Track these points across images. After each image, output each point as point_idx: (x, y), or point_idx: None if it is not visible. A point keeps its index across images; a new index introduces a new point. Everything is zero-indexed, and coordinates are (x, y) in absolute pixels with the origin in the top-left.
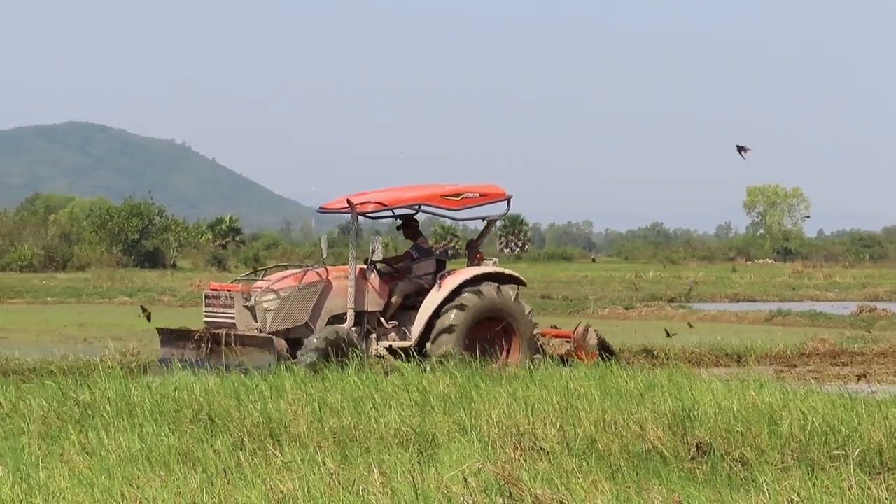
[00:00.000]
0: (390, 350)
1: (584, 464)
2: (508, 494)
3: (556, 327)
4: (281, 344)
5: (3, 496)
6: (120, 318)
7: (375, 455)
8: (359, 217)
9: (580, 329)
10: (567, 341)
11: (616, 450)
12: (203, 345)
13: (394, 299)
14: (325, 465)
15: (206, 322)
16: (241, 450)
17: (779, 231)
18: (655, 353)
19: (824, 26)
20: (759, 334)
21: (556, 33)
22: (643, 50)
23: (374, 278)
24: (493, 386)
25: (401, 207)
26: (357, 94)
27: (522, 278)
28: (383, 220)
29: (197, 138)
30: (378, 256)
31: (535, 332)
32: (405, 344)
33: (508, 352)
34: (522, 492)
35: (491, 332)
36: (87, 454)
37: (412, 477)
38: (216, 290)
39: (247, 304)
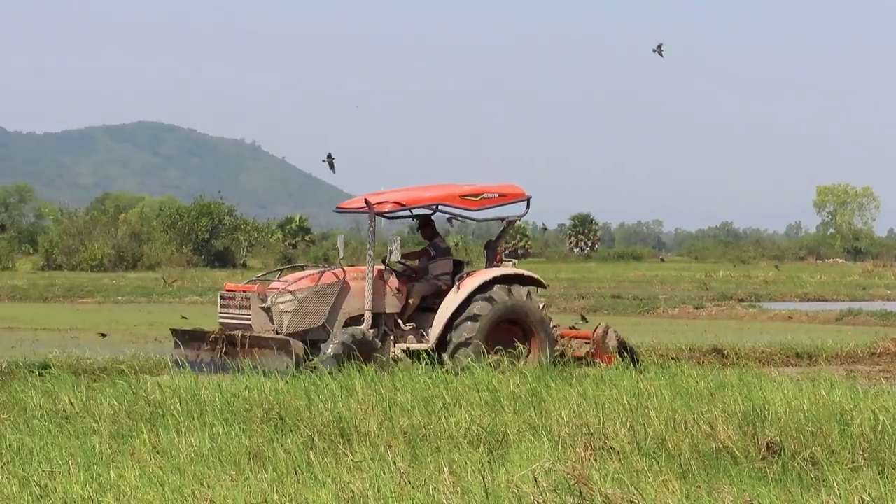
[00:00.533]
0: (408, 352)
1: (655, 463)
2: (579, 494)
3: (575, 328)
4: (298, 346)
5: (74, 495)
6: (190, 317)
7: (446, 454)
8: (377, 217)
9: (600, 330)
10: (586, 343)
11: (686, 449)
12: (218, 346)
13: (411, 301)
14: (395, 464)
15: (221, 323)
16: (312, 449)
17: (849, 230)
18: (726, 352)
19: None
20: (830, 334)
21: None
22: (716, 52)
23: (391, 279)
24: (564, 385)
25: (419, 207)
26: (427, 94)
27: (542, 280)
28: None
29: (267, 138)
30: (396, 257)
31: (554, 334)
32: (423, 346)
33: (528, 353)
34: (593, 491)
35: (510, 334)
36: (158, 453)
37: (482, 476)
38: (232, 290)
39: (263, 305)
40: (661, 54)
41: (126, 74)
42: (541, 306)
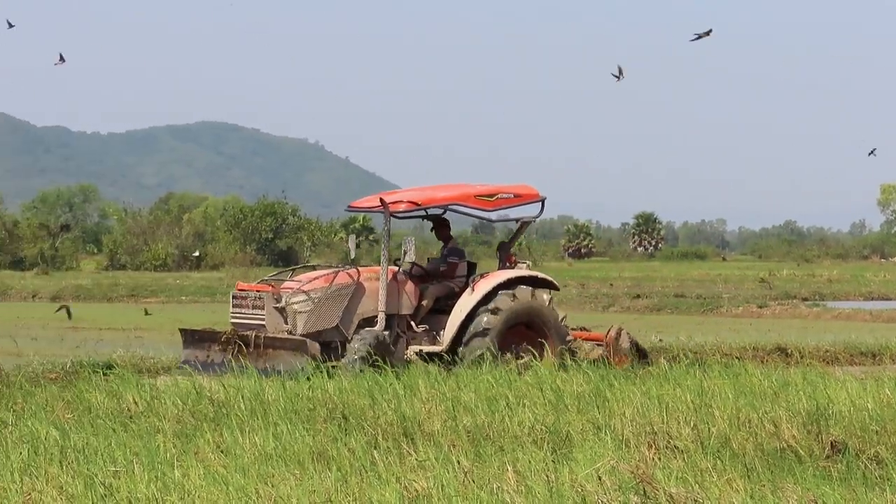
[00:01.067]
0: (421, 355)
1: (719, 462)
2: (643, 493)
3: (585, 329)
4: (314, 347)
5: (139, 494)
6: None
7: (509, 453)
8: (391, 217)
9: (612, 332)
10: (599, 345)
11: (750, 448)
12: (230, 347)
13: (424, 302)
14: (459, 463)
15: (233, 323)
16: (376, 448)
17: None
18: (789, 351)
19: None
20: (894, 332)
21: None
22: (777, 55)
23: (405, 280)
24: (627, 385)
25: (434, 207)
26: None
27: (555, 282)
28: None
29: (330, 137)
30: (410, 258)
31: (567, 337)
32: (436, 349)
33: (541, 356)
34: (657, 490)
35: (523, 337)
36: (222, 453)
37: (546, 475)
38: (244, 290)
39: (277, 305)
40: (619, 76)
41: (190, 75)
42: (560, 317)
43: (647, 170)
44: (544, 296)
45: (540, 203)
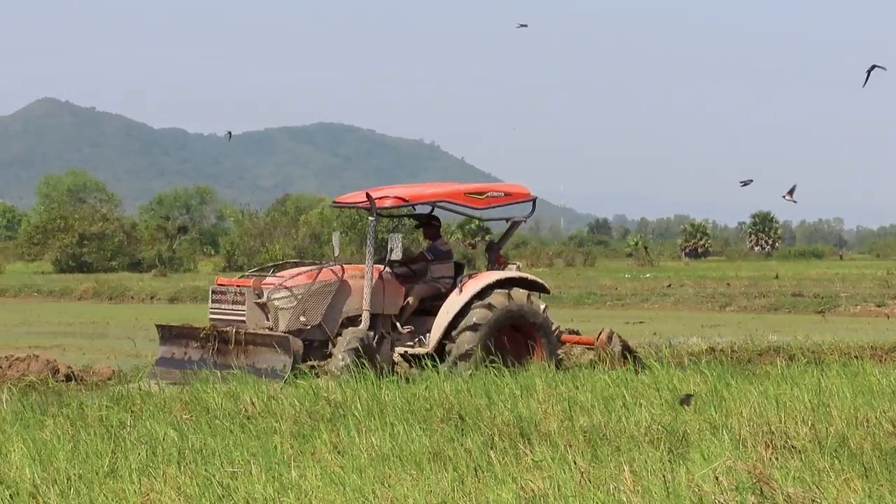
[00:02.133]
0: (405, 356)
1: (836, 462)
2: (760, 493)
3: (574, 332)
4: (297, 344)
5: (256, 494)
6: None
7: (626, 453)
8: (377, 214)
9: (603, 336)
10: (589, 348)
11: (868, 448)
12: (209, 344)
13: (410, 301)
14: (575, 463)
15: (212, 319)
16: (492, 448)
17: None
18: None
19: None
20: None
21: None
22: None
23: (390, 279)
24: (744, 384)
25: (421, 203)
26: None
27: (546, 285)
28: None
29: (445, 138)
30: (397, 256)
31: (557, 344)
32: (421, 350)
33: (531, 359)
34: (774, 490)
35: (512, 339)
36: (339, 453)
37: (663, 475)
38: (224, 285)
39: (258, 300)
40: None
41: (307, 77)
42: (551, 322)
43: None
44: (537, 299)
45: (531, 203)
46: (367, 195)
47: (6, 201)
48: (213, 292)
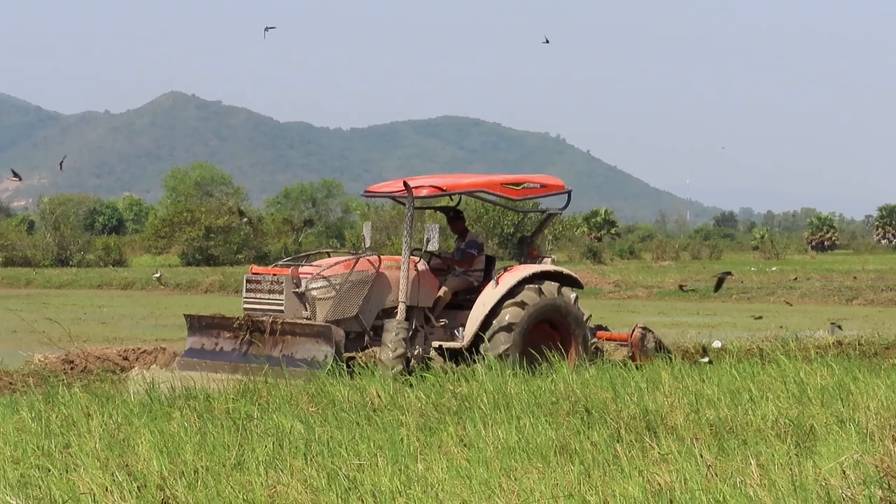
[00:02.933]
0: (440, 350)
1: None
2: (887, 487)
3: (604, 328)
4: (339, 334)
5: (382, 487)
6: None
7: (752, 447)
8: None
9: (637, 333)
10: (622, 345)
11: None
12: (243, 334)
13: (442, 294)
14: (702, 456)
15: (246, 309)
16: (618, 441)
17: None
18: None
19: None
20: None
21: None
22: None
23: (425, 271)
24: (871, 377)
25: (458, 193)
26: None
27: (580, 279)
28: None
29: (571, 131)
30: (434, 246)
31: (592, 339)
32: (456, 344)
33: (565, 356)
34: None
35: (546, 335)
36: (465, 446)
37: (790, 469)
38: (259, 274)
39: (297, 290)
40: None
41: (432, 70)
42: (585, 315)
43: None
44: (570, 293)
45: (567, 195)
46: (405, 183)
47: (133, 194)
48: (248, 281)
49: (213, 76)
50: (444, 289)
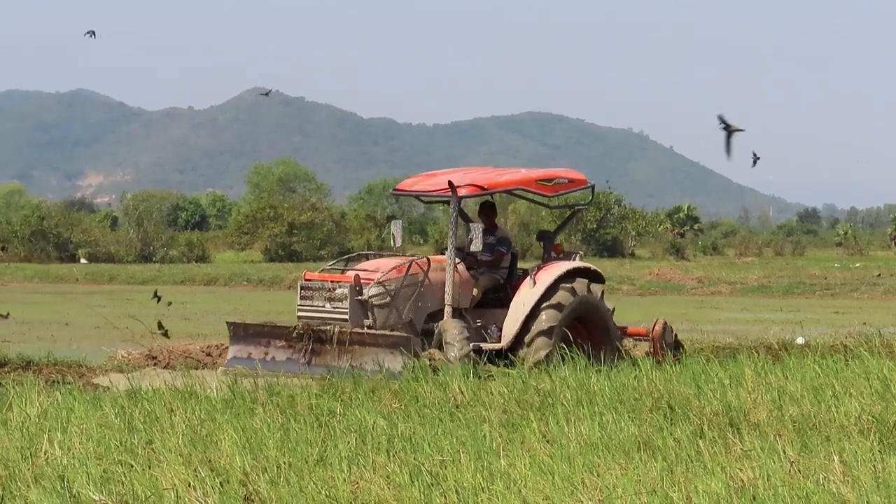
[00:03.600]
0: (479, 351)
1: None
2: None
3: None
4: (418, 344)
5: (465, 483)
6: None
7: (836, 443)
8: (459, 202)
9: (658, 327)
10: (643, 339)
11: None
12: (304, 343)
13: (475, 293)
14: (784, 453)
15: (302, 317)
16: (701, 438)
17: None
18: None
19: None
20: None
21: None
22: None
23: (463, 271)
24: None
25: (498, 192)
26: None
27: (602, 274)
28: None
29: (654, 127)
30: (477, 247)
31: (617, 332)
32: (497, 346)
33: (592, 353)
34: None
35: (575, 332)
36: (548, 442)
37: (873, 466)
38: (317, 280)
39: (360, 297)
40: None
41: (516, 66)
42: (611, 309)
43: None
44: (598, 289)
45: (590, 189)
46: (450, 183)
47: (216, 190)
48: (303, 288)
49: (297, 72)
50: (474, 289)
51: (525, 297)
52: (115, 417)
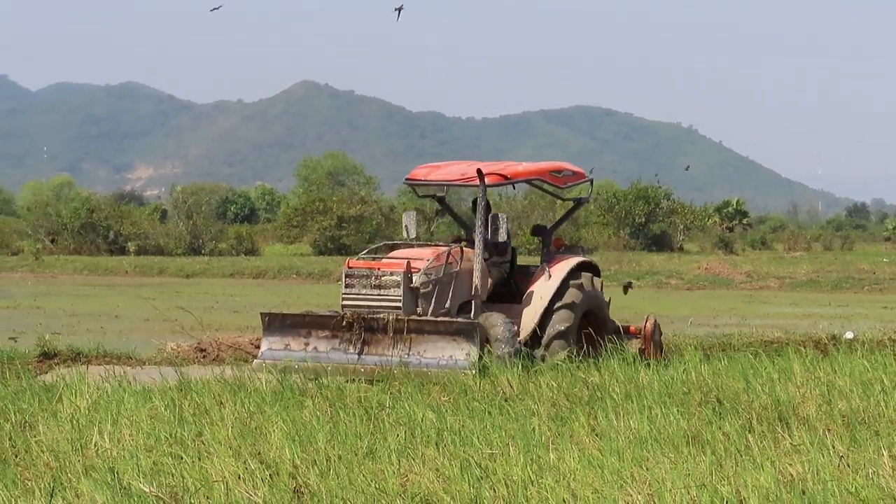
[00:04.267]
0: None
1: None
2: None
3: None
4: (484, 332)
5: (514, 476)
6: (628, 300)
7: (885, 438)
8: (486, 190)
9: (649, 325)
10: (636, 337)
11: None
12: (353, 333)
13: (490, 286)
14: (833, 448)
15: (347, 306)
16: (750, 432)
17: None
18: None
19: None
20: None
21: None
22: None
23: (485, 264)
24: None
25: (519, 181)
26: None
27: (599, 267)
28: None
29: (703, 121)
30: (503, 237)
31: (614, 324)
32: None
33: (593, 347)
34: None
35: (582, 327)
36: (596, 436)
37: None
38: (364, 267)
39: (413, 284)
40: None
41: (565, 60)
42: (603, 293)
43: None
44: (598, 282)
45: (590, 182)
46: (479, 171)
47: (265, 183)
48: (348, 276)
49: (346, 65)
50: (489, 281)
51: (542, 289)
52: (164, 409)
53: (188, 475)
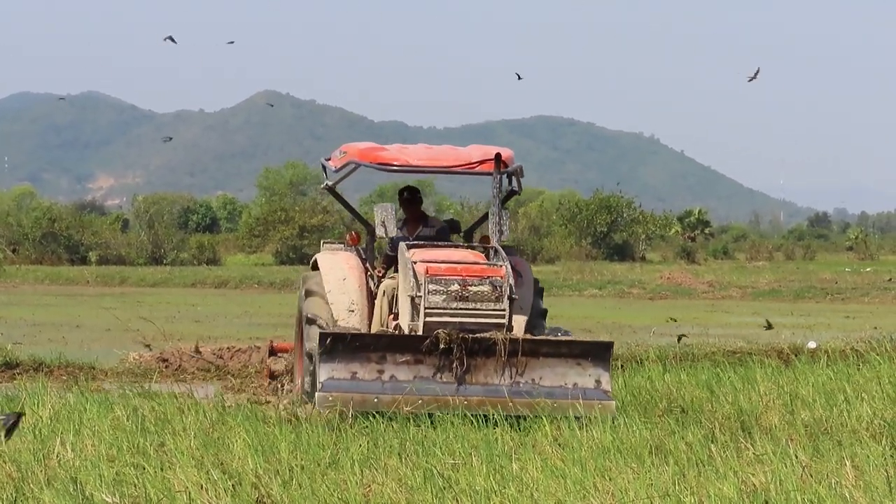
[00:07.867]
0: None
1: None
2: None
3: None
4: (610, 351)
5: (477, 486)
6: (591, 310)
7: (848, 448)
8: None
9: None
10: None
11: None
12: (438, 357)
13: None
14: (796, 457)
15: (433, 323)
16: (713, 442)
17: None
18: None
19: None
20: None
21: None
22: None
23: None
24: None
25: (514, 166)
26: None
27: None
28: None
29: (665, 131)
30: (506, 236)
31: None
32: None
33: None
34: None
35: None
36: (560, 446)
37: (885, 470)
38: (458, 275)
39: (513, 295)
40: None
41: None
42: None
43: None
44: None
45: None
46: (497, 155)
47: (227, 193)
48: (432, 284)
49: (308, 75)
50: None
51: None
52: (126, 420)
53: (150, 485)
